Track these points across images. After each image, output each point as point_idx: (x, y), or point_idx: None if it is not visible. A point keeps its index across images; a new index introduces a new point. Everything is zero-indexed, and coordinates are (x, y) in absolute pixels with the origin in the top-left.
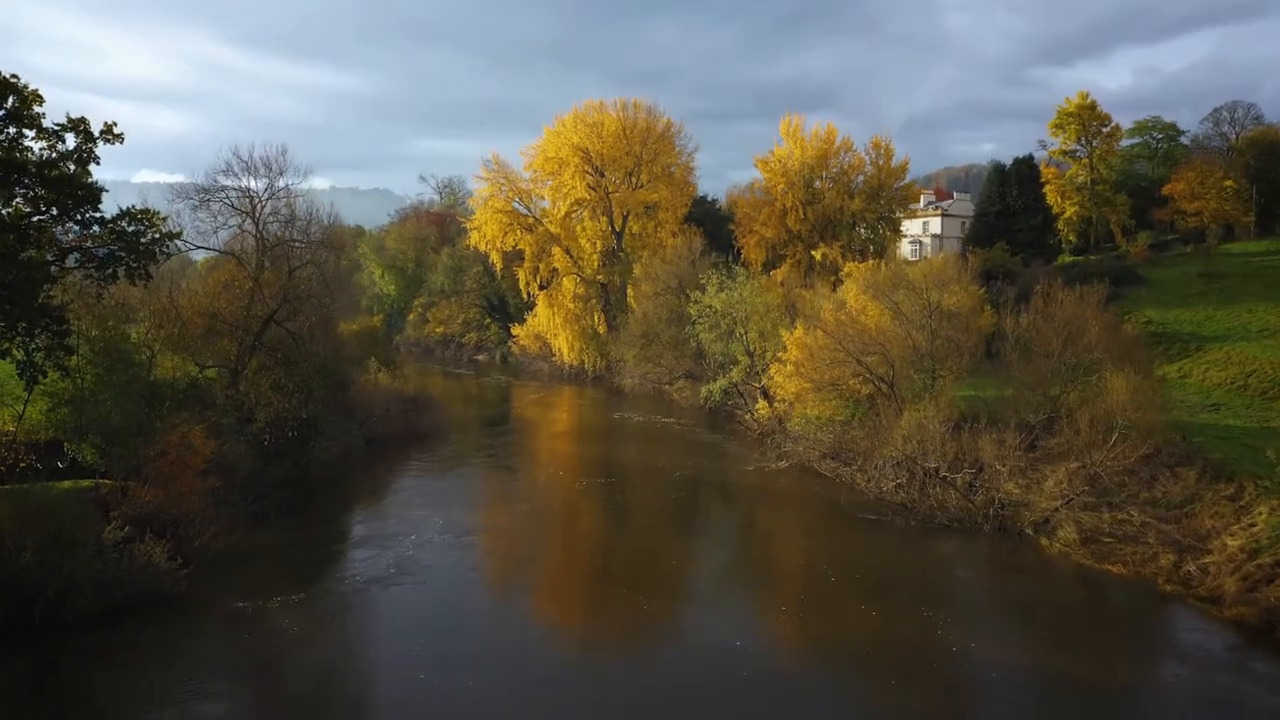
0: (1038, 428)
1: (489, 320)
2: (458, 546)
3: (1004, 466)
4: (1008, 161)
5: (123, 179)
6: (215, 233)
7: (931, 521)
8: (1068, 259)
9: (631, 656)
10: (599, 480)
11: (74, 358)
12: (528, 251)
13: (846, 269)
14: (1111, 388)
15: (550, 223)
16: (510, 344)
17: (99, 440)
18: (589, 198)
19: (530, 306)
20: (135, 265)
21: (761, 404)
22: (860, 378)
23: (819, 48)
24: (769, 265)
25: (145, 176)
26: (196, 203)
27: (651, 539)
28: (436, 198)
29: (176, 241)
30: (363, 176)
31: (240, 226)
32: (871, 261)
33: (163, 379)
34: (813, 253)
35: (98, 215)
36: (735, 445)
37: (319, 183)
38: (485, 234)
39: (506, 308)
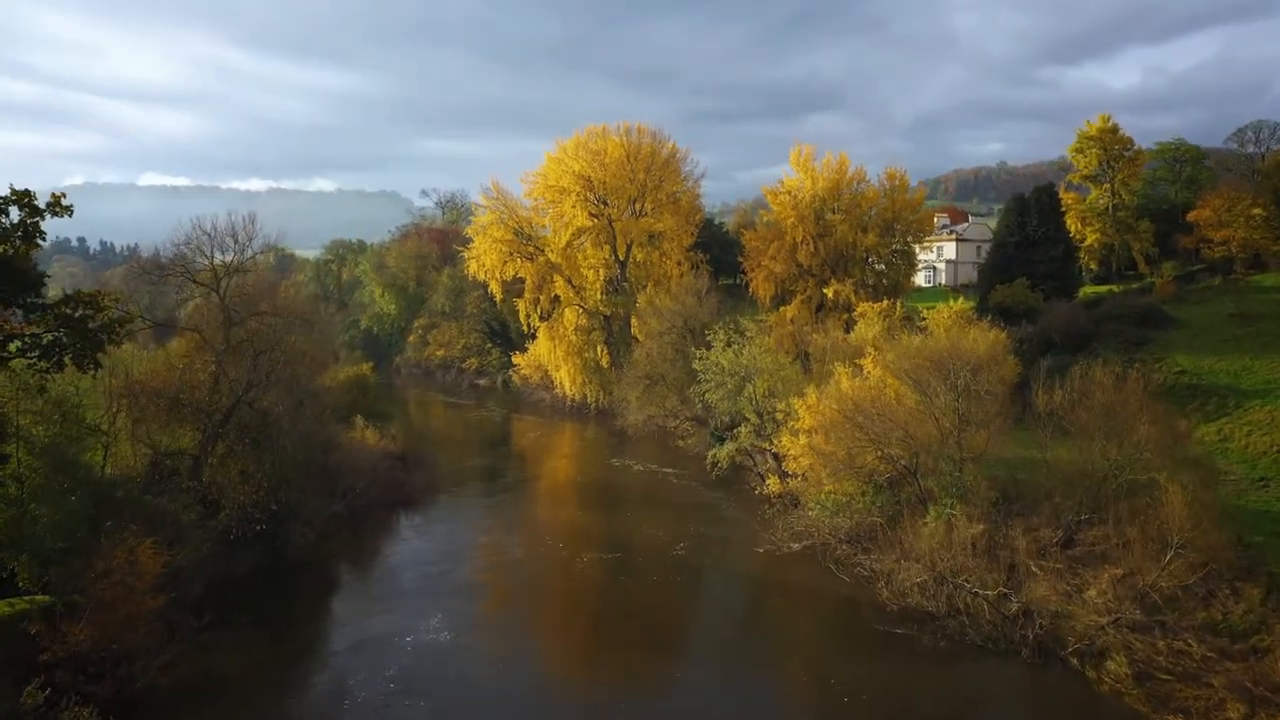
0: (1076, 523)
1: (490, 345)
2: (459, 651)
3: (1040, 569)
4: (1014, 161)
5: (128, 182)
6: (177, 309)
7: (961, 638)
8: (1090, 290)
9: None
10: (600, 555)
11: (12, 463)
12: (528, 281)
13: (860, 309)
14: (1168, 502)
15: (551, 251)
16: (511, 372)
17: (34, 561)
18: (591, 225)
19: (533, 334)
20: (83, 353)
21: (772, 480)
22: (881, 458)
23: (825, 47)
24: (778, 300)
25: (150, 179)
26: (155, 278)
27: (655, 637)
28: (439, 213)
29: (138, 314)
30: (369, 178)
31: (205, 298)
32: (887, 304)
33: (114, 478)
34: (824, 290)
35: (40, 300)
36: (742, 512)
37: (326, 185)
38: (484, 263)
39: (508, 333)
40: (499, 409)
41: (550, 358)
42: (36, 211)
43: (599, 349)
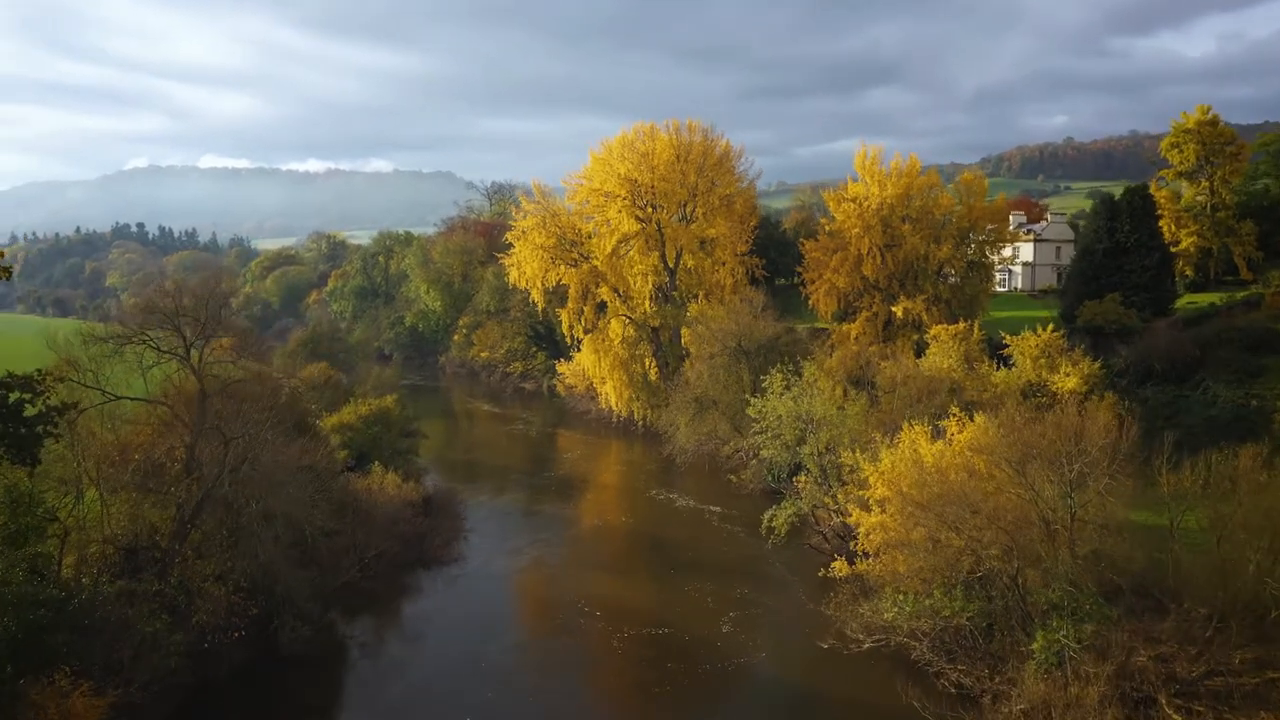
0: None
1: (535, 349)
2: None
3: (1176, 712)
4: (1080, 136)
5: (190, 164)
6: (144, 374)
7: None
8: (1187, 300)
9: None
10: (640, 630)
11: None
12: (572, 290)
13: (933, 331)
14: None
15: (596, 258)
16: (555, 380)
17: None
18: (638, 231)
19: (577, 344)
20: (19, 446)
21: (839, 563)
22: (971, 559)
23: (887, 19)
24: (841, 316)
25: (210, 161)
26: (113, 349)
27: None
28: (486, 204)
29: (93, 387)
30: (427, 158)
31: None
32: (964, 326)
33: (59, 593)
34: (893, 309)
35: None
36: (797, 574)
37: (382, 165)
38: (525, 271)
39: (554, 336)
40: (542, 422)
41: (595, 370)
42: None
43: (647, 362)
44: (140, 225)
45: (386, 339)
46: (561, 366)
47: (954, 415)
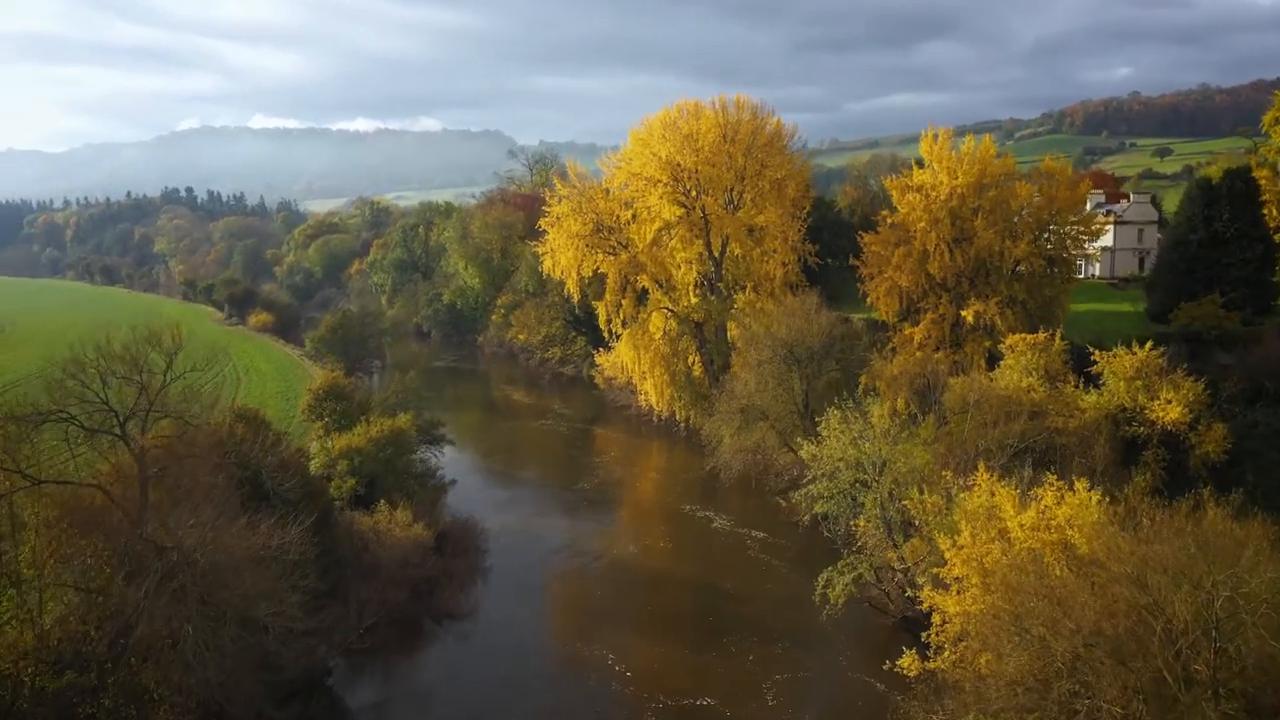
0: None
1: (574, 334)
2: None
3: None
4: (1144, 89)
5: (240, 125)
6: (72, 453)
7: None
8: None
9: None
10: (674, 701)
11: None
12: (610, 281)
13: (1009, 341)
14: None
15: (636, 246)
16: (594, 372)
17: None
18: (681, 217)
19: (615, 333)
20: None
21: (907, 658)
22: (1083, 694)
23: None
24: (903, 315)
25: (260, 122)
26: (30, 428)
27: None
28: (527, 174)
29: (11, 470)
30: (476, 117)
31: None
32: (1043, 337)
33: None
34: (961, 312)
35: None
36: (846, 637)
37: (432, 124)
38: (559, 261)
39: (593, 322)
40: (580, 416)
41: (635, 366)
42: None
43: (690, 358)
44: (189, 190)
45: (425, 315)
46: (600, 358)
47: (1049, 482)
